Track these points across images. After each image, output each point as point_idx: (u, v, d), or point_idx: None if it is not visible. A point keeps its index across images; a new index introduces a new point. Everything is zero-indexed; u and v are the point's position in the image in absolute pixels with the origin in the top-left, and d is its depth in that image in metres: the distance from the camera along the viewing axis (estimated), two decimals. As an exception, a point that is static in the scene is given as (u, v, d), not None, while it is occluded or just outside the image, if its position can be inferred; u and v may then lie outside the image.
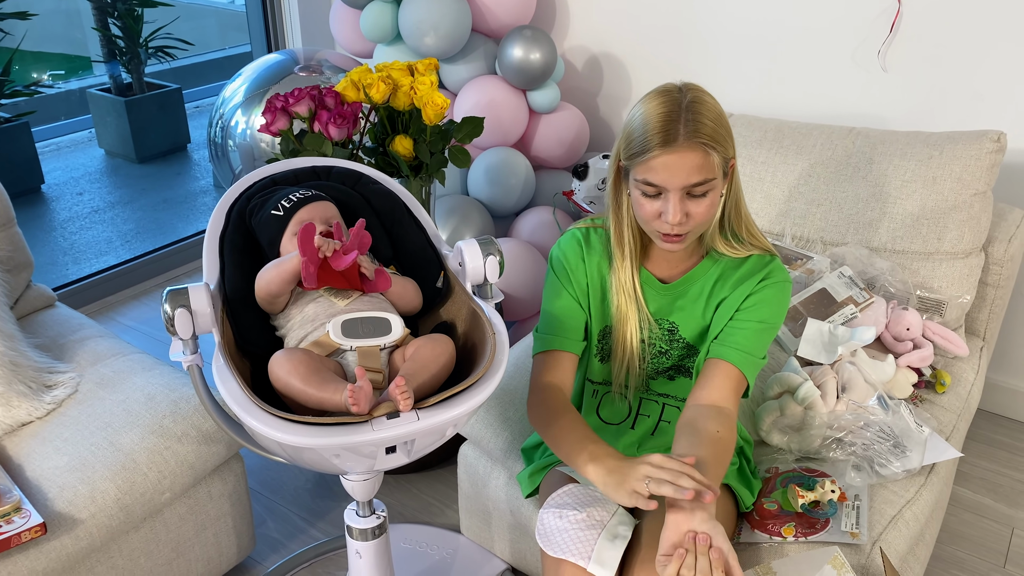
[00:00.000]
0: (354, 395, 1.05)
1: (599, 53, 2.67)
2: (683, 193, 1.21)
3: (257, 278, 1.24)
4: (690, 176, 1.19)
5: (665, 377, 1.42)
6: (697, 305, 1.36)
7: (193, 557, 1.65)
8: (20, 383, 1.59)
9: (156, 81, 4.53)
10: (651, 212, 1.24)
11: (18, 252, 1.90)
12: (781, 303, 1.33)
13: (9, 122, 3.83)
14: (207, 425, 1.60)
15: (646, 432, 1.42)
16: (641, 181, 1.22)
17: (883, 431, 1.50)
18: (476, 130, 1.92)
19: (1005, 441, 2.30)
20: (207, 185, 4.18)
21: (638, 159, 1.21)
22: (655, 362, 1.40)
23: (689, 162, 1.18)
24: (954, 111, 2.14)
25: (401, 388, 1.07)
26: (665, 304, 1.37)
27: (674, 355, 1.40)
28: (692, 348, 1.39)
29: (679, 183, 1.20)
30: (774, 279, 1.32)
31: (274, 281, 1.22)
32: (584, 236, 1.39)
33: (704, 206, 1.22)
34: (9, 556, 1.33)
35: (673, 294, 1.36)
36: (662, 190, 1.21)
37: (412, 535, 1.88)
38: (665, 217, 1.22)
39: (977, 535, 1.97)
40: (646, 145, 1.19)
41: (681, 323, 1.37)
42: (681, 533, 1.11)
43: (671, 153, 1.18)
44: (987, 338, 1.97)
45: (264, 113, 1.79)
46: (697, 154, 1.18)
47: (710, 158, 1.19)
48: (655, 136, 1.18)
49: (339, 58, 2.62)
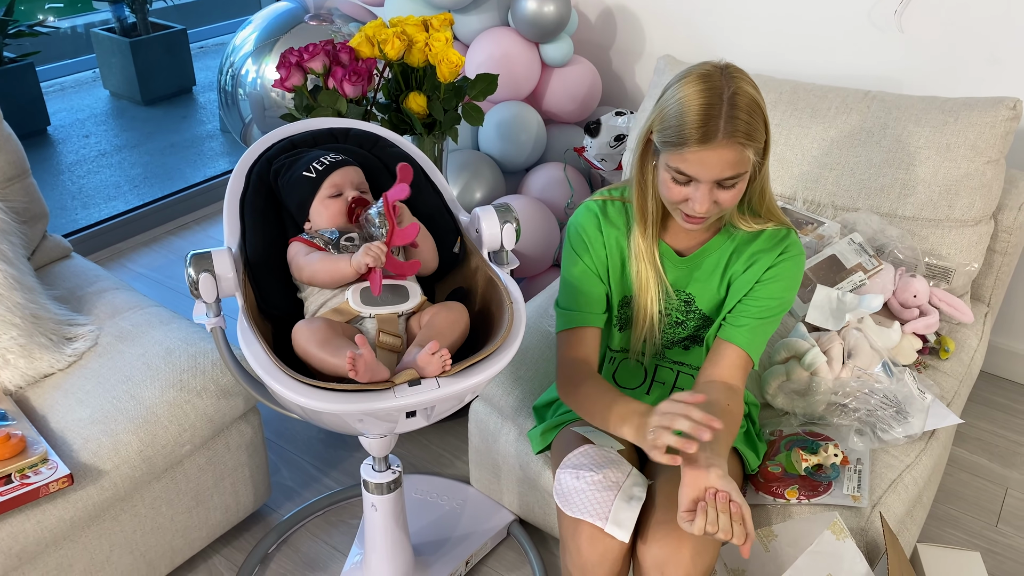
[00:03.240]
0: (353, 362, 1.08)
1: (613, 5, 2.64)
2: (713, 184, 1.21)
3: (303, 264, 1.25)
4: (723, 171, 1.19)
5: (680, 347, 1.44)
6: (713, 277, 1.38)
7: (212, 505, 1.71)
8: (41, 335, 1.62)
9: (161, 21, 4.46)
10: (678, 196, 1.24)
11: (34, 203, 1.91)
12: (795, 278, 1.35)
13: (14, 62, 3.79)
14: (226, 380, 1.64)
15: (660, 398, 1.45)
16: (673, 168, 1.22)
17: (887, 398, 1.53)
18: (490, 87, 1.91)
19: (1003, 403, 2.34)
20: (213, 129, 4.15)
21: (673, 149, 1.20)
22: (671, 332, 1.43)
23: (724, 159, 1.18)
24: (970, 75, 2.13)
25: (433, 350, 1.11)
26: (682, 276, 1.39)
27: (690, 326, 1.42)
28: (707, 319, 1.41)
29: (711, 176, 1.20)
30: (790, 253, 1.34)
31: (326, 282, 1.25)
32: (601, 208, 1.39)
33: (732, 194, 1.23)
34: (38, 505, 1.38)
35: (690, 266, 1.38)
36: (692, 180, 1.21)
37: (423, 486, 1.93)
38: (692, 205, 1.23)
39: (971, 494, 2.03)
40: (683, 138, 1.18)
41: (697, 295, 1.39)
42: (700, 489, 1.15)
43: (707, 150, 1.17)
44: (992, 304, 1.99)
45: (278, 68, 1.78)
46: (733, 152, 1.18)
47: (745, 154, 1.19)
48: (694, 132, 1.17)
49: (350, 7, 2.59)
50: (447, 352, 1.12)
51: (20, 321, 1.58)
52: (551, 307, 1.87)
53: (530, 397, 1.69)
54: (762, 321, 1.34)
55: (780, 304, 1.34)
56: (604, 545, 1.24)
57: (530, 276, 2.40)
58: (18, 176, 1.87)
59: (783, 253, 1.33)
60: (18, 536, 1.35)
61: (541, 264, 2.33)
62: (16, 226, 1.77)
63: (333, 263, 1.23)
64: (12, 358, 1.56)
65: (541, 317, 1.84)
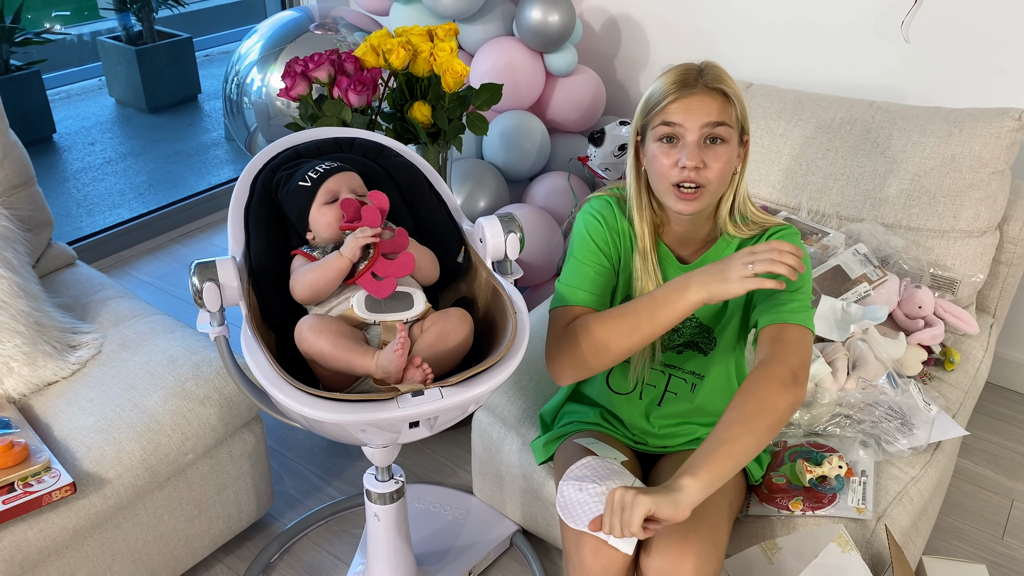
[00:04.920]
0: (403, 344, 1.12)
1: (617, 15, 2.64)
2: (701, 137, 1.22)
3: (297, 280, 1.25)
4: (708, 115, 1.21)
5: (674, 351, 1.43)
6: None
7: (214, 514, 1.70)
8: (45, 343, 1.62)
9: (166, 30, 4.48)
10: (667, 164, 1.24)
11: (39, 211, 1.91)
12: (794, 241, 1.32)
13: (21, 70, 3.81)
14: (229, 388, 1.64)
15: (652, 402, 1.45)
16: (660, 124, 1.24)
17: (892, 409, 1.53)
18: (495, 97, 1.91)
19: (1008, 414, 2.33)
20: (218, 137, 4.17)
21: (655, 109, 1.24)
22: (665, 338, 1.42)
23: (708, 105, 1.22)
24: (975, 85, 2.13)
25: (416, 364, 1.13)
26: None
27: (686, 333, 1.41)
28: (705, 327, 1.40)
29: (697, 122, 1.22)
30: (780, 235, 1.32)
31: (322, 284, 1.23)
32: (605, 204, 1.39)
33: (721, 160, 1.23)
34: (40, 514, 1.38)
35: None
36: (679, 135, 1.23)
37: (426, 495, 1.93)
38: (682, 161, 1.22)
39: (977, 506, 2.02)
40: (664, 94, 1.23)
41: None
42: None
43: (690, 96, 1.22)
44: (997, 315, 1.99)
45: (284, 77, 1.79)
46: (716, 98, 1.22)
47: (729, 107, 1.23)
48: (673, 86, 1.23)
49: (355, 16, 2.60)
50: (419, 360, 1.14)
51: (24, 329, 1.59)
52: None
53: (533, 407, 1.69)
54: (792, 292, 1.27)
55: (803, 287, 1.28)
56: (607, 557, 1.24)
57: (533, 285, 2.40)
58: (23, 184, 1.87)
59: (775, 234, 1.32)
60: (20, 545, 1.35)
61: (544, 273, 2.33)
62: (21, 234, 1.77)
63: (324, 261, 1.23)
64: (16, 366, 1.56)
65: (544, 327, 1.83)
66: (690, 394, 1.43)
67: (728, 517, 1.34)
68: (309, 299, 1.25)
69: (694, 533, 1.22)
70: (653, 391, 1.46)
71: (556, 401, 1.60)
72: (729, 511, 1.35)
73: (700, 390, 1.43)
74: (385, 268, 1.23)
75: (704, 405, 1.44)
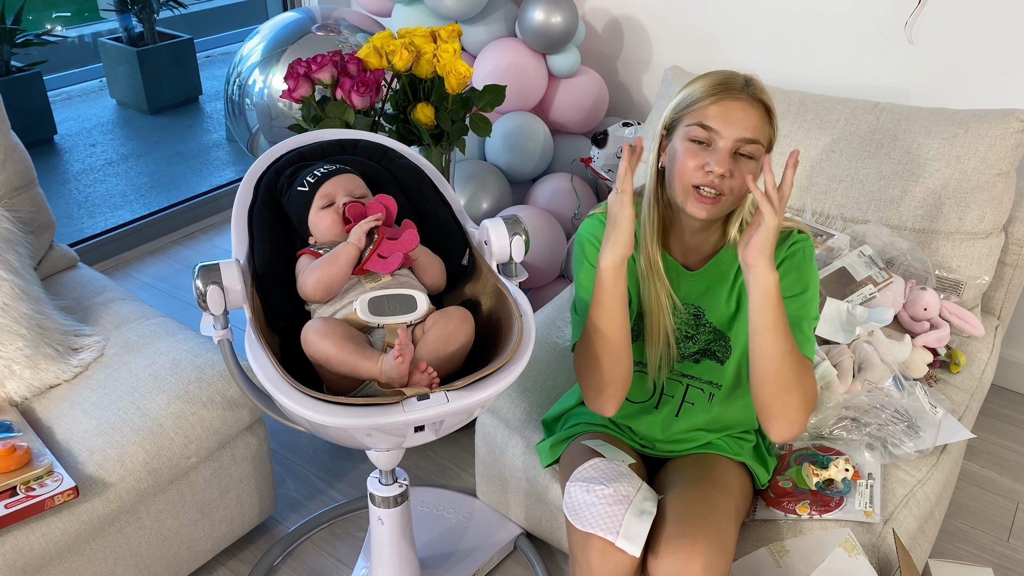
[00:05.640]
0: (401, 351, 1.10)
1: (620, 16, 2.64)
2: (734, 147, 1.19)
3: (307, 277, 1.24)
4: (746, 129, 1.18)
5: (691, 360, 1.42)
6: (722, 290, 1.36)
7: (217, 518, 1.70)
8: (47, 346, 1.61)
9: (168, 31, 4.48)
10: (693, 165, 1.21)
11: (40, 213, 1.91)
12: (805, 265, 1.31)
13: (22, 71, 3.81)
14: (232, 391, 1.63)
15: (670, 413, 1.44)
16: (694, 125, 1.20)
17: (898, 412, 1.52)
18: (498, 98, 1.90)
19: (1014, 416, 2.32)
20: (220, 139, 4.16)
21: (694, 106, 1.20)
22: (681, 347, 1.41)
23: (748, 115, 1.18)
24: (980, 86, 2.12)
25: (421, 369, 1.13)
26: (691, 289, 1.38)
27: (701, 339, 1.40)
28: (719, 333, 1.39)
29: (734, 133, 1.18)
30: (792, 250, 1.31)
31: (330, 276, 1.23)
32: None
33: (745, 175, 1.21)
34: (43, 518, 1.37)
35: (699, 279, 1.37)
36: (714, 138, 1.20)
37: (429, 498, 1.92)
38: (710, 166, 1.19)
39: (982, 509, 2.01)
40: (706, 93, 1.19)
41: (707, 308, 1.38)
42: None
43: (732, 101, 1.18)
44: (1002, 317, 1.98)
45: (286, 79, 1.78)
46: (758, 111, 1.19)
47: (766, 125, 1.20)
48: (718, 87, 1.19)
49: (357, 17, 2.59)
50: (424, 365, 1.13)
51: (26, 331, 1.58)
52: (558, 318, 1.86)
53: (537, 409, 1.68)
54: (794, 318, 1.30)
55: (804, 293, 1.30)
56: (615, 560, 1.23)
57: (537, 287, 2.39)
58: (25, 186, 1.86)
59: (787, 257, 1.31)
60: (23, 549, 1.34)
61: (548, 275, 2.32)
62: (23, 236, 1.77)
63: (332, 253, 1.23)
64: (18, 369, 1.55)
65: (549, 329, 1.83)
66: (707, 404, 1.42)
67: (736, 520, 1.33)
68: (320, 293, 1.24)
69: (702, 536, 1.21)
70: (671, 401, 1.44)
71: (561, 407, 1.59)
72: (736, 514, 1.34)
73: (717, 400, 1.42)
74: (389, 247, 1.24)
75: (721, 416, 1.43)
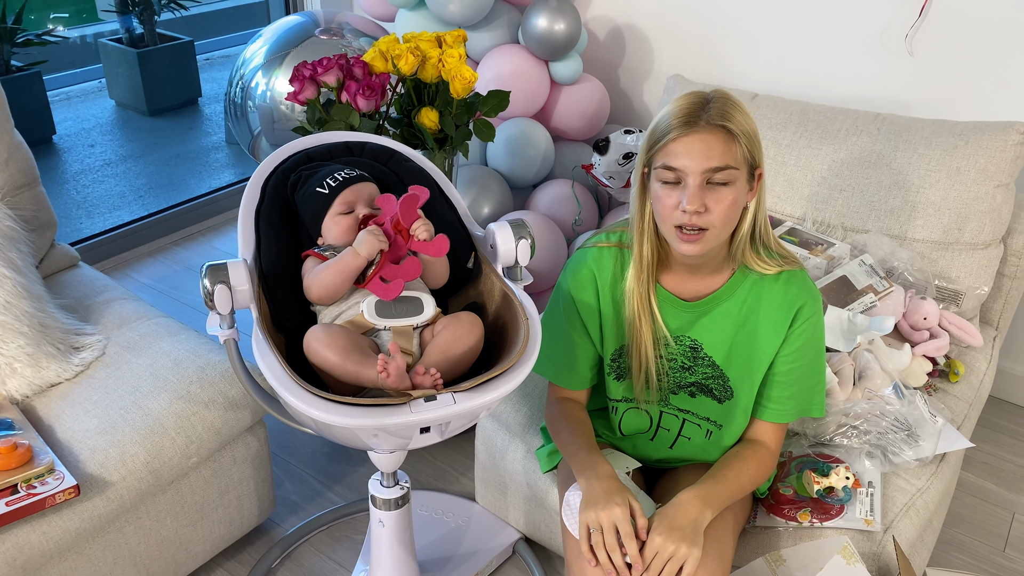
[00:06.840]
0: (385, 365, 1.09)
1: (623, 24, 2.65)
2: (703, 180, 1.17)
3: (309, 281, 1.25)
4: (710, 159, 1.16)
5: (686, 393, 1.38)
6: (726, 324, 1.32)
7: (216, 519, 1.69)
8: (49, 344, 1.61)
9: (168, 33, 4.48)
10: (670, 205, 1.19)
11: (42, 212, 1.91)
12: (817, 330, 1.33)
13: (22, 71, 3.81)
14: (233, 391, 1.63)
15: (665, 446, 1.43)
16: (661, 167, 1.19)
17: (898, 420, 1.53)
18: (502, 104, 1.91)
19: (1010, 427, 2.33)
20: (219, 141, 4.16)
21: (658, 145, 1.19)
22: (677, 376, 1.37)
23: (710, 145, 1.16)
24: (980, 98, 2.14)
25: (421, 373, 1.13)
26: (686, 322, 1.34)
27: (699, 372, 1.36)
28: (719, 371, 1.35)
29: (698, 167, 1.16)
30: (805, 324, 1.30)
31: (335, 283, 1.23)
32: (596, 258, 1.36)
33: (725, 202, 1.18)
34: (43, 516, 1.37)
35: (696, 312, 1.33)
36: (681, 176, 1.18)
37: (428, 502, 1.92)
38: (682, 205, 1.18)
39: (978, 519, 2.02)
40: (667, 129, 1.18)
41: (706, 341, 1.34)
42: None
43: (692, 135, 1.16)
44: (1000, 328, 1.99)
45: (292, 81, 1.79)
46: (719, 137, 1.16)
47: (733, 146, 1.17)
48: (677, 120, 1.18)
49: (360, 21, 2.60)
50: (423, 369, 1.13)
51: (28, 330, 1.58)
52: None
53: (538, 414, 1.68)
54: (805, 388, 1.35)
55: (816, 359, 1.34)
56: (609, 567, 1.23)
57: (537, 292, 2.40)
58: (28, 184, 1.86)
59: (796, 319, 1.30)
60: (23, 547, 1.34)
61: (548, 280, 2.33)
62: (25, 234, 1.77)
63: (338, 259, 1.23)
64: (19, 367, 1.55)
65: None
66: (705, 441, 1.41)
67: (733, 531, 1.34)
68: (324, 297, 1.25)
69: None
70: (667, 435, 1.43)
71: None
72: (735, 524, 1.35)
73: (715, 438, 1.40)
74: (392, 272, 1.23)
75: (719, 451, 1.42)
